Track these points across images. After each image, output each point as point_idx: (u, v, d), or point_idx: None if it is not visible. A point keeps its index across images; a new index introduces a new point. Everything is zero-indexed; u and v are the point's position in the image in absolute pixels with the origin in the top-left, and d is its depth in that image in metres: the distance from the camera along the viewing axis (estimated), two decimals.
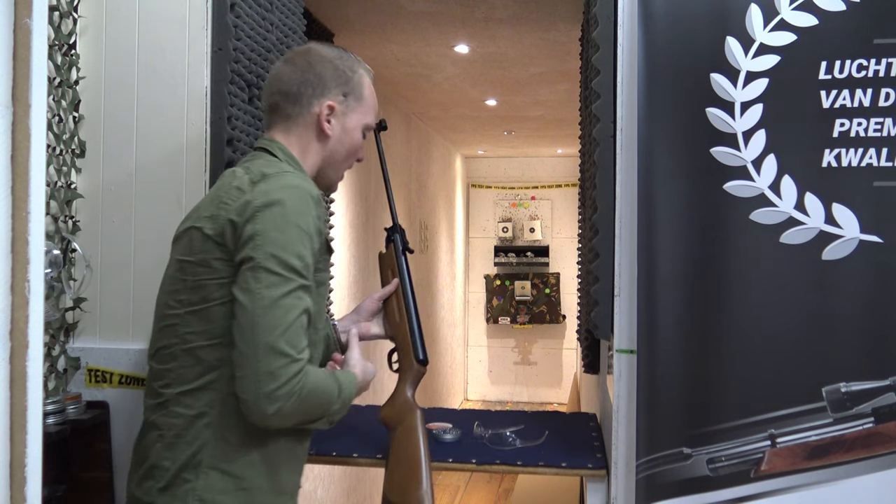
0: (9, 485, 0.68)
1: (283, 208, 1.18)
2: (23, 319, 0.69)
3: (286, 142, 1.36)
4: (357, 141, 1.41)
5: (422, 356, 1.56)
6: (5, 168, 0.68)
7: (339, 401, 1.27)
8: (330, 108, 1.36)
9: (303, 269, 1.18)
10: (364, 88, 1.41)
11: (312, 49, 1.39)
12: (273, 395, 1.12)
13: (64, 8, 1.79)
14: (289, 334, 1.14)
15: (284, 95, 1.36)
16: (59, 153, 1.78)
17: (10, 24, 0.68)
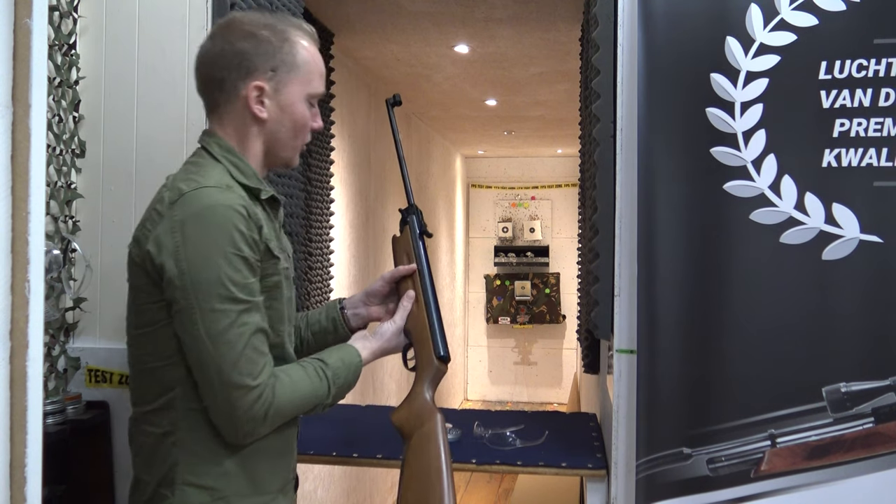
0: (9, 485, 0.68)
1: (199, 238, 1.12)
2: (23, 319, 0.69)
3: (223, 133, 1.26)
4: (301, 114, 1.27)
5: (443, 352, 1.39)
6: (5, 168, 0.68)
7: (334, 387, 1.25)
8: (258, 90, 1.22)
9: (240, 291, 1.13)
10: (297, 55, 1.25)
11: (234, 22, 1.25)
12: (239, 425, 1.14)
13: (64, 8, 1.79)
14: (241, 365, 1.12)
15: (208, 82, 1.26)
16: (59, 153, 1.78)
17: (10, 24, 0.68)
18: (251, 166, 1.26)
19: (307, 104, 1.28)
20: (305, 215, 2.77)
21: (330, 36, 3.15)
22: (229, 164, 1.23)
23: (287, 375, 1.20)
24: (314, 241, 2.96)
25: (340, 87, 3.40)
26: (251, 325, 1.14)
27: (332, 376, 1.25)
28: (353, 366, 1.30)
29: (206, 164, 1.24)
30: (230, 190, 1.17)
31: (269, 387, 1.15)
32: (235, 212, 1.14)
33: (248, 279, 1.14)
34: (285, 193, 2.29)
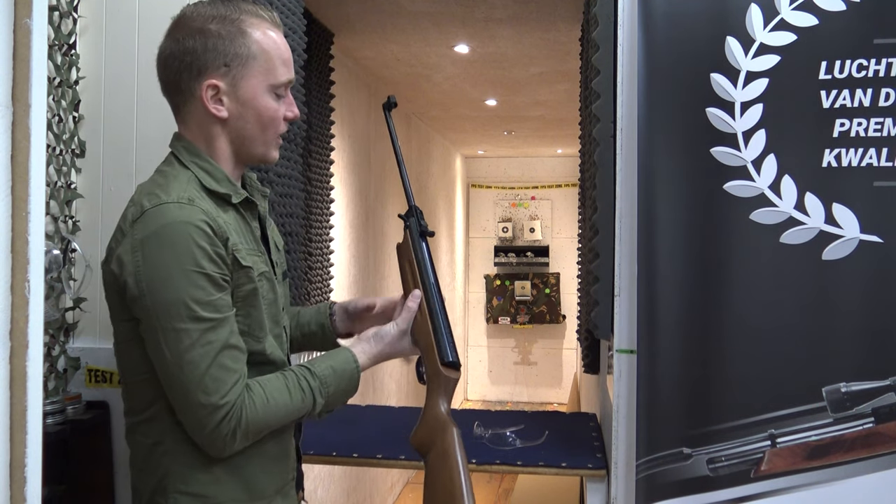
0: (9, 485, 0.68)
1: (158, 258, 1.09)
2: (23, 319, 0.69)
3: (190, 135, 1.21)
4: (265, 107, 1.19)
5: (450, 357, 1.28)
6: (5, 168, 0.68)
7: (322, 397, 1.20)
8: (213, 88, 1.16)
9: (202, 309, 1.10)
10: (252, 45, 1.17)
11: (182, 19, 1.19)
12: (210, 443, 1.12)
13: (64, 8, 1.79)
14: (206, 384, 1.09)
15: (166, 85, 1.21)
16: (59, 153, 1.78)
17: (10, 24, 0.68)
18: (221, 169, 1.21)
19: (271, 95, 1.20)
20: (305, 215, 2.77)
21: (330, 36, 3.14)
22: (198, 168, 1.19)
23: (262, 389, 1.15)
24: (314, 241, 2.96)
25: (340, 87, 3.40)
26: (217, 342, 1.11)
27: (317, 386, 1.20)
28: (348, 373, 1.24)
29: (172, 173, 1.19)
30: (192, 204, 1.12)
31: (238, 405, 1.11)
32: (196, 228, 1.10)
33: (211, 296, 1.11)
34: (285, 193, 2.29)
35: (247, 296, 1.18)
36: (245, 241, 1.20)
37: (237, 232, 1.19)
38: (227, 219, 1.18)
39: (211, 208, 1.15)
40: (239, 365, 1.14)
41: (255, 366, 1.21)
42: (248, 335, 1.19)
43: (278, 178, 2.22)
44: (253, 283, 1.18)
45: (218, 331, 1.11)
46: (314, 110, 2.89)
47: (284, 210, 2.29)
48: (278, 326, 1.28)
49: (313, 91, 2.88)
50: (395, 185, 4.98)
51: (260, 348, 1.21)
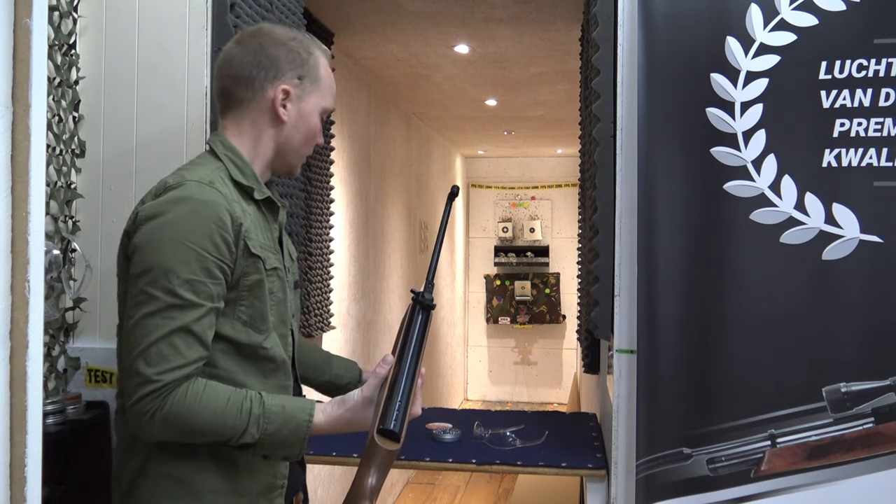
0: (9, 485, 0.68)
1: (162, 221, 1.14)
2: (23, 319, 0.69)
3: (237, 130, 1.29)
4: (314, 125, 1.33)
5: (391, 425, 1.15)
6: (5, 168, 0.68)
7: (258, 431, 1.14)
8: (285, 93, 1.27)
9: (180, 286, 1.11)
10: (320, 70, 1.32)
11: (264, 29, 1.31)
12: (130, 412, 1.12)
13: (64, 8, 1.79)
14: (148, 354, 1.10)
15: (235, 79, 1.28)
16: (59, 153, 1.78)
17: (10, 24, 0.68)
18: (251, 166, 1.28)
19: (319, 117, 1.33)
20: (305, 215, 2.77)
21: (330, 36, 3.14)
22: (229, 161, 1.26)
23: (202, 389, 1.13)
24: (314, 241, 2.96)
25: (340, 87, 3.39)
26: (177, 321, 1.11)
27: (257, 416, 1.14)
28: (295, 422, 1.16)
29: (203, 161, 1.27)
30: (212, 186, 1.18)
31: (170, 388, 1.10)
32: (208, 207, 1.15)
33: (194, 275, 1.12)
34: (285, 194, 2.29)
35: (252, 286, 1.21)
36: (262, 235, 1.24)
37: (255, 224, 1.23)
38: (247, 209, 1.23)
39: (234, 195, 1.21)
40: (191, 353, 1.12)
41: (254, 360, 1.22)
42: (250, 325, 1.21)
43: (278, 178, 2.23)
44: (260, 274, 1.21)
45: (185, 311, 1.12)
46: None
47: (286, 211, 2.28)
48: (284, 327, 1.29)
49: None
50: (395, 185, 4.98)
51: (259, 340, 1.22)
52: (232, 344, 1.20)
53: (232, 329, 1.20)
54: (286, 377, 1.29)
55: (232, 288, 1.19)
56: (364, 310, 4.21)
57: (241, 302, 1.20)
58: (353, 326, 3.97)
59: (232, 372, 1.20)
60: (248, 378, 1.22)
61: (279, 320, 1.27)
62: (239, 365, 1.21)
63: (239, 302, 1.20)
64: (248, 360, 1.22)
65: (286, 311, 1.29)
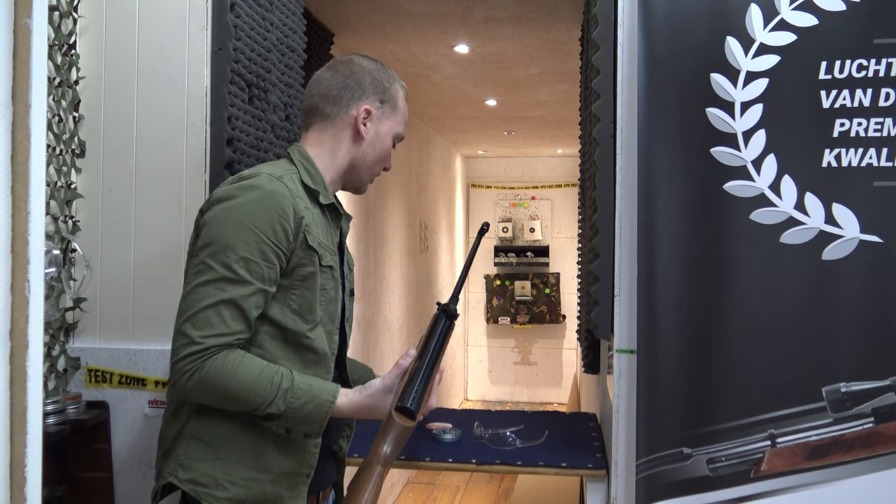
0: (9, 485, 0.68)
1: (232, 203, 1.25)
2: (23, 319, 0.69)
3: (319, 140, 1.42)
4: (387, 147, 1.46)
5: (408, 403, 1.24)
6: (5, 168, 0.68)
7: (284, 404, 1.23)
8: (367, 112, 1.42)
9: (236, 262, 1.22)
10: (398, 100, 1.47)
11: (354, 59, 1.46)
12: (172, 369, 1.22)
13: (64, 8, 1.79)
14: (196, 318, 1.20)
15: (324, 97, 1.42)
16: (59, 153, 1.78)
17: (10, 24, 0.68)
18: (322, 175, 1.39)
19: (392, 142, 1.48)
20: None
21: (330, 36, 3.14)
22: (302, 168, 1.38)
23: (240, 359, 1.22)
24: None
25: None
26: (228, 293, 1.21)
27: (286, 390, 1.23)
28: (319, 401, 1.25)
29: (279, 162, 1.39)
30: (280, 180, 1.29)
31: (212, 353, 1.20)
32: (274, 197, 1.26)
33: (251, 255, 1.22)
34: None
35: (306, 277, 1.30)
36: (322, 235, 1.34)
37: (317, 224, 1.33)
38: (312, 208, 1.34)
39: (301, 193, 1.32)
40: (235, 325, 1.22)
41: (296, 347, 1.30)
42: (298, 314, 1.30)
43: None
44: (314, 267, 1.30)
45: (236, 286, 1.22)
46: None
47: None
48: (332, 324, 1.36)
49: None
50: (395, 185, 4.98)
51: (305, 329, 1.30)
52: (279, 328, 1.29)
53: (281, 314, 1.28)
54: (326, 371, 1.35)
55: (286, 275, 1.28)
56: (364, 309, 4.21)
57: (293, 290, 1.29)
58: (353, 326, 3.97)
59: (275, 356, 1.28)
60: (290, 364, 1.29)
61: (328, 317, 1.35)
62: (282, 350, 1.29)
63: (291, 290, 1.29)
64: (291, 346, 1.30)
65: (336, 310, 1.37)
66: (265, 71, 2.02)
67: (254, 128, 2.00)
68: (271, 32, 2.06)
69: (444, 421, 2.15)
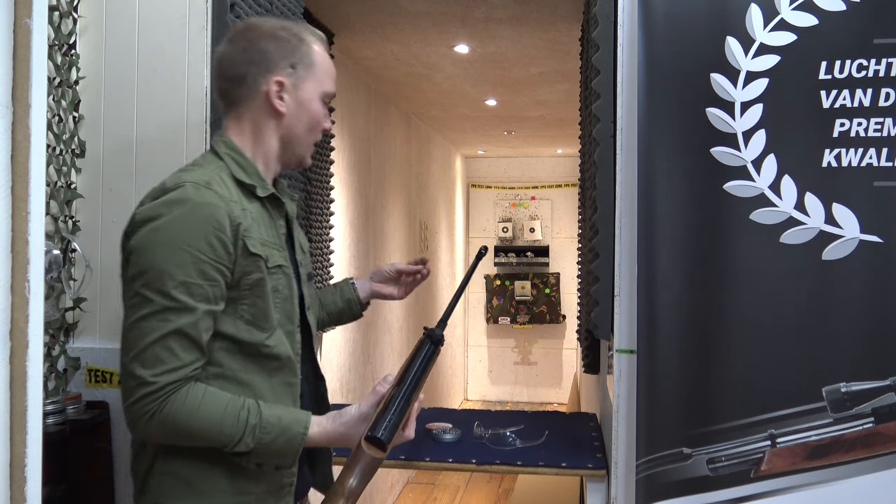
0: (9, 485, 0.68)
1: (158, 224, 1.14)
2: (23, 319, 0.69)
3: (238, 129, 1.30)
4: (316, 111, 1.32)
5: (379, 433, 1.16)
6: (5, 168, 0.68)
7: (253, 440, 1.16)
8: (279, 84, 1.27)
9: (175, 288, 1.12)
10: (313, 55, 1.31)
11: (252, 25, 1.31)
12: (127, 413, 1.13)
13: (64, 8, 1.79)
14: (144, 356, 1.11)
15: (229, 80, 1.29)
16: (59, 153, 1.78)
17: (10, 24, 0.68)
18: (254, 165, 1.29)
19: (321, 102, 1.33)
20: (305, 215, 2.77)
21: (330, 36, 3.14)
22: (231, 161, 1.27)
23: (201, 395, 1.15)
24: (314, 241, 2.96)
25: (340, 87, 3.39)
26: (173, 324, 1.12)
27: (255, 426, 1.16)
28: (290, 434, 1.19)
29: (204, 162, 1.27)
30: (209, 188, 1.18)
31: (167, 392, 1.12)
32: (205, 209, 1.15)
33: (190, 278, 1.13)
34: None
35: (253, 284, 1.21)
36: (265, 233, 1.25)
37: (257, 222, 1.24)
38: (249, 208, 1.23)
39: (233, 194, 1.21)
40: (186, 356, 1.13)
41: (257, 357, 1.23)
42: (252, 324, 1.22)
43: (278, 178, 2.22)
44: (261, 272, 1.21)
45: (181, 314, 1.13)
46: None
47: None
48: (291, 324, 1.29)
49: None
50: (395, 185, 4.98)
51: (262, 339, 1.22)
52: (234, 342, 1.21)
53: (234, 327, 1.20)
54: (292, 374, 1.29)
55: (233, 287, 1.19)
56: None
57: (242, 301, 1.20)
58: (353, 327, 3.97)
59: (235, 370, 1.21)
60: (252, 376, 1.22)
61: (285, 317, 1.27)
62: (241, 363, 1.22)
63: (241, 301, 1.20)
64: (251, 358, 1.22)
65: (293, 308, 1.29)
66: None
67: None
68: None
69: (444, 421, 2.15)
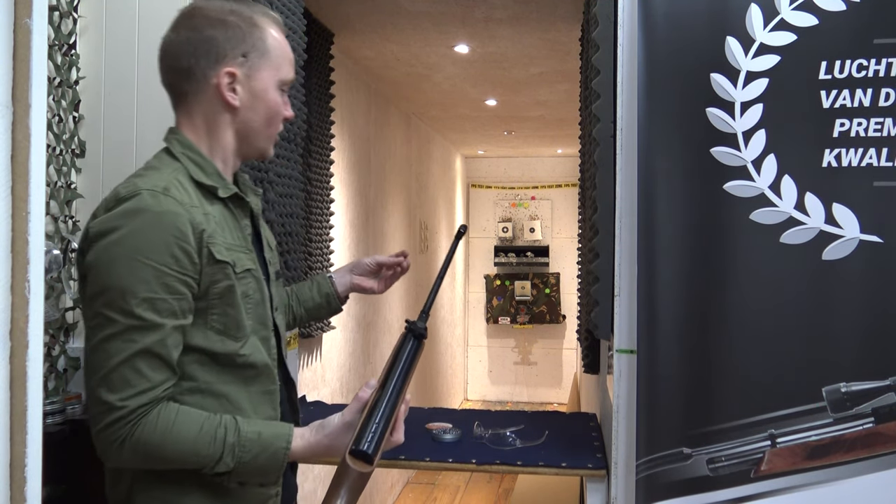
0: (9, 485, 0.68)
1: (116, 237, 1.06)
2: (23, 319, 0.69)
3: (191, 125, 1.21)
4: (273, 101, 1.22)
5: (363, 446, 1.07)
6: (5, 168, 0.68)
7: (233, 459, 1.09)
8: (230, 76, 1.17)
9: (138, 305, 1.04)
10: (266, 40, 1.20)
11: (198, 10, 1.20)
12: (96, 439, 1.08)
13: (64, 8, 1.79)
14: (111, 380, 1.04)
15: (177, 72, 1.19)
16: (59, 153, 1.78)
17: (10, 24, 0.68)
18: (212, 163, 1.21)
19: (278, 91, 1.24)
20: (305, 215, 2.77)
21: (330, 36, 3.14)
22: (188, 161, 1.19)
23: (174, 415, 1.08)
24: (314, 241, 2.96)
25: (340, 87, 3.39)
26: (139, 343, 1.05)
27: (233, 444, 1.09)
28: (272, 450, 1.11)
29: (159, 164, 1.19)
30: (166, 193, 1.10)
31: (138, 415, 1.05)
32: (165, 217, 1.08)
33: (153, 293, 1.06)
34: (285, 193, 2.29)
35: (223, 293, 1.14)
36: (230, 236, 1.18)
37: (221, 226, 1.16)
38: (211, 211, 1.16)
39: (193, 199, 1.13)
40: (156, 376, 1.07)
41: (232, 368, 1.16)
42: (224, 333, 1.15)
43: (278, 178, 2.22)
44: (230, 280, 1.14)
45: (147, 333, 1.06)
46: (314, 110, 2.89)
47: (284, 210, 2.29)
48: (266, 329, 1.23)
49: (313, 91, 2.88)
50: (395, 185, 4.98)
51: (235, 348, 1.16)
52: (207, 354, 1.14)
53: (205, 339, 1.13)
54: (270, 381, 1.23)
55: (201, 298, 1.12)
56: (364, 310, 4.21)
57: (212, 311, 1.13)
58: (353, 326, 3.97)
59: (210, 383, 1.15)
60: (228, 387, 1.16)
61: (258, 323, 1.21)
62: (216, 375, 1.15)
63: (210, 311, 1.13)
64: (226, 368, 1.16)
65: (266, 312, 1.23)
66: None
67: None
68: None
69: (444, 421, 2.15)
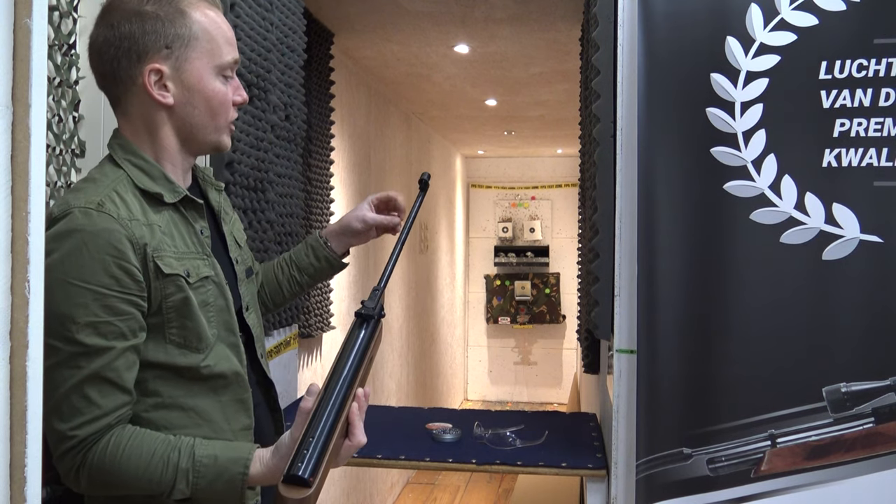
0: (9, 485, 0.68)
1: (49, 262, 0.93)
2: (23, 319, 0.69)
3: (131, 128, 1.15)
4: (213, 90, 1.12)
5: (300, 471, 0.92)
6: (5, 168, 0.68)
7: (188, 485, 1.01)
8: (156, 73, 1.08)
9: (79, 331, 0.98)
10: (193, 26, 1.09)
11: (114, 3, 1.10)
12: (60, 470, 1.04)
13: (64, 8, 1.79)
14: (61, 409, 0.99)
15: (102, 76, 1.13)
16: (59, 153, 1.78)
17: (10, 24, 0.68)
18: (158, 166, 1.13)
19: (218, 78, 1.13)
20: (305, 215, 2.77)
21: (330, 36, 3.14)
22: (132, 167, 1.12)
23: (126, 441, 1.02)
24: None
25: (340, 87, 3.39)
26: (86, 370, 0.99)
27: (185, 470, 1.02)
28: (228, 476, 1.02)
29: (99, 175, 1.12)
30: (101, 210, 1.02)
31: (88, 443, 1.01)
32: (100, 237, 1.01)
33: (95, 317, 1.00)
34: (285, 193, 2.29)
35: (178, 306, 1.08)
36: (182, 243, 1.11)
37: (170, 234, 1.09)
38: (156, 220, 1.09)
39: (133, 211, 1.06)
40: (107, 402, 1.01)
41: (198, 380, 1.11)
42: (185, 347, 1.09)
43: (278, 178, 2.22)
44: (183, 292, 1.08)
45: (93, 358, 1.00)
46: (314, 110, 2.89)
47: (284, 210, 2.29)
48: (233, 335, 1.16)
49: (313, 91, 2.88)
50: (394, 184, 4.98)
51: (198, 361, 1.10)
52: (169, 369, 1.08)
53: (165, 354, 1.08)
54: (242, 389, 1.16)
55: (155, 314, 1.06)
56: None
57: (169, 325, 1.07)
58: None
59: (176, 397, 1.09)
60: (196, 400, 1.10)
61: (225, 330, 1.14)
62: (183, 388, 1.10)
63: (167, 325, 1.07)
64: (192, 381, 1.10)
65: (231, 318, 1.15)
66: (265, 71, 2.02)
67: (254, 128, 2.00)
68: (271, 32, 2.06)
69: (444, 421, 2.15)
